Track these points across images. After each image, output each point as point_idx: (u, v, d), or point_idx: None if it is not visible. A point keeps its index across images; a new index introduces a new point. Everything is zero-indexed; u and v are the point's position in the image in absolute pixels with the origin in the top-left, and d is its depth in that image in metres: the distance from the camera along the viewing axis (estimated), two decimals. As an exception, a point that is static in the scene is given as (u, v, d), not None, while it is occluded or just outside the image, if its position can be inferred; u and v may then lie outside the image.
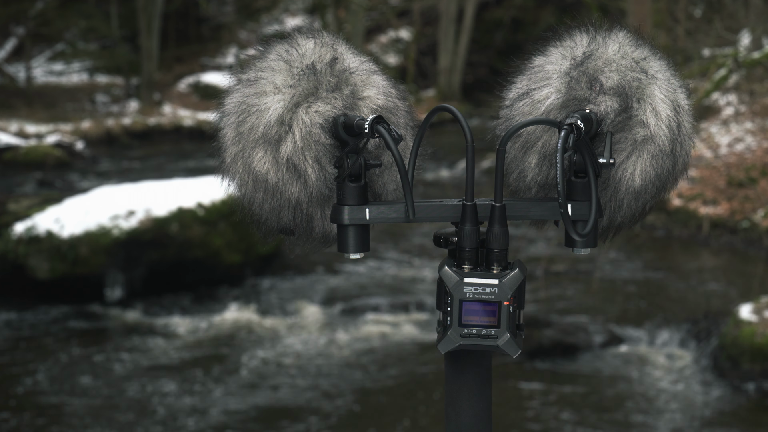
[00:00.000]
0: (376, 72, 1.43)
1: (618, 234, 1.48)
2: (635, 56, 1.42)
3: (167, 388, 6.95)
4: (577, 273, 9.62)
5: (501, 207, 1.33)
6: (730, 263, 10.56)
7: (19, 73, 23.80)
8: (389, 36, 26.95)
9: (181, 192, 9.46)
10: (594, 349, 7.58)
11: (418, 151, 1.39)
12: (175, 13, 25.68)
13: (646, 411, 6.53)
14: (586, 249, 1.38)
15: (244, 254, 9.42)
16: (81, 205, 9.18)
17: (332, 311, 8.60)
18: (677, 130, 1.41)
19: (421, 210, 1.36)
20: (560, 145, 1.29)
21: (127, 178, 13.26)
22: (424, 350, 7.66)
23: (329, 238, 1.43)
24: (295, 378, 7.12)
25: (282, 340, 7.93)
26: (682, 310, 8.39)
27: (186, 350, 7.77)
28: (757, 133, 13.47)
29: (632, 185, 1.40)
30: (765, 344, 6.86)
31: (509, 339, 1.33)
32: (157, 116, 21.29)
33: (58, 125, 19.34)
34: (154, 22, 22.47)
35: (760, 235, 10.86)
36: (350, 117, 1.35)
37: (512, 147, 1.45)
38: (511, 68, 1.49)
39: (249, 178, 1.39)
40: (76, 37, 25.23)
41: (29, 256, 8.73)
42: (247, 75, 1.40)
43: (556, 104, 1.41)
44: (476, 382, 1.41)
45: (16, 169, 15.92)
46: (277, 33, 1.50)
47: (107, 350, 7.80)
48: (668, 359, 7.41)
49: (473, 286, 1.33)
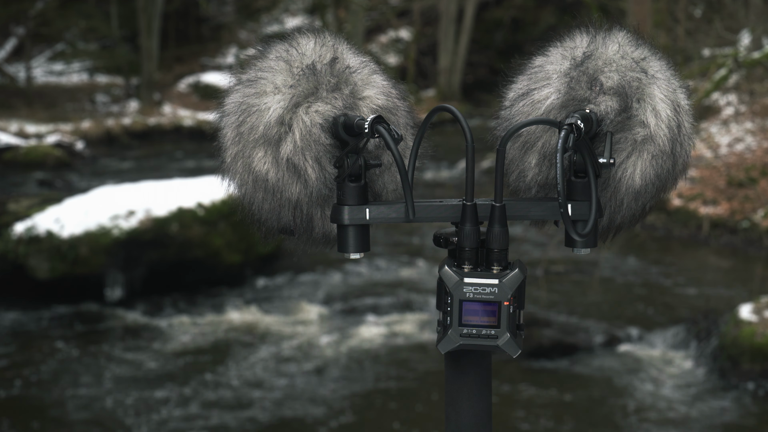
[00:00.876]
0: (377, 72, 1.43)
1: (618, 234, 1.48)
2: (635, 56, 1.42)
3: (167, 388, 6.95)
4: (577, 273, 9.62)
5: (501, 207, 1.33)
6: (730, 263, 10.56)
7: (19, 73, 23.80)
8: (389, 36, 26.95)
9: (181, 192, 9.46)
10: (594, 349, 7.58)
11: (418, 151, 1.39)
12: (175, 13, 25.68)
13: (646, 411, 6.53)
14: (586, 249, 1.39)
15: (244, 254, 9.42)
16: (81, 205, 9.18)
17: (332, 311, 8.60)
18: (677, 130, 1.41)
19: (421, 210, 1.36)
20: (560, 145, 1.29)
21: (127, 178, 13.25)
22: (424, 350, 7.66)
23: (329, 238, 1.43)
24: (295, 378, 7.12)
25: (282, 340, 7.93)
26: (682, 310, 8.38)
27: (186, 350, 7.77)
28: (757, 133, 13.47)
29: (632, 185, 1.40)
30: (765, 344, 6.86)
31: (509, 339, 1.33)
32: (157, 116, 21.29)
33: (58, 125, 19.34)
34: (154, 22, 22.47)
35: (760, 235, 10.85)
36: (350, 117, 1.35)
37: (512, 147, 1.45)
38: (511, 68, 1.49)
39: (249, 178, 1.39)
40: (76, 37, 25.23)
41: (29, 256, 8.73)
42: (247, 75, 1.40)
43: (556, 104, 1.41)
44: (476, 382, 1.41)
45: (16, 169, 15.91)
46: (277, 33, 1.50)
47: (107, 350, 7.80)
48: (668, 359, 7.41)
49: (473, 286, 1.33)
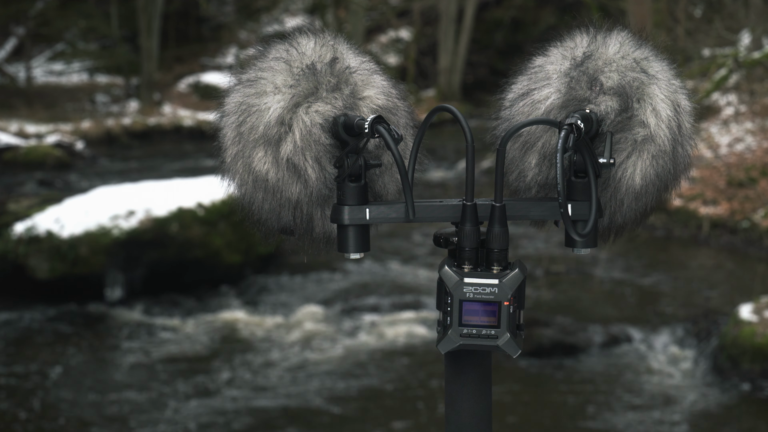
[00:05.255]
0: (377, 72, 1.42)
1: (620, 235, 1.48)
2: (636, 56, 1.42)
3: (167, 388, 6.95)
4: (577, 273, 9.62)
5: (501, 207, 1.33)
6: (730, 263, 10.56)
7: (19, 73, 23.80)
8: (389, 36, 26.94)
9: (181, 192, 9.45)
10: (594, 349, 7.58)
11: (418, 151, 1.39)
12: (175, 13, 25.68)
13: (646, 411, 6.53)
14: (586, 249, 1.38)
15: (244, 254, 9.41)
16: (81, 205, 9.17)
17: (332, 311, 8.60)
18: (677, 131, 1.41)
19: (421, 210, 1.36)
20: (560, 145, 1.29)
21: (127, 178, 13.24)
22: (424, 350, 7.66)
23: (329, 238, 1.43)
24: (295, 378, 7.12)
25: (282, 340, 7.93)
26: (682, 310, 8.38)
27: (186, 350, 7.76)
28: (757, 133, 13.47)
29: (632, 185, 1.40)
30: (765, 344, 6.86)
31: (509, 339, 1.33)
32: (157, 116, 21.28)
33: (58, 125, 19.33)
34: (154, 22, 22.47)
35: (760, 235, 10.85)
36: (350, 117, 1.35)
37: (512, 147, 1.45)
38: (511, 68, 1.49)
39: (249, 178, 1.39)
40: (76, 37, 25.22)
41: (29, 256, 8.73)
42: (247, 75, 1.40)
43: (557, 104, 1.41)
44: (476, 382, 1.41)
45: (16, 169, 15.91)
46: (277, 33, 1.50)
47: (107, 350, 7.80)
48: (668, 359, 7.40)
49: (473, 286, 1.32)
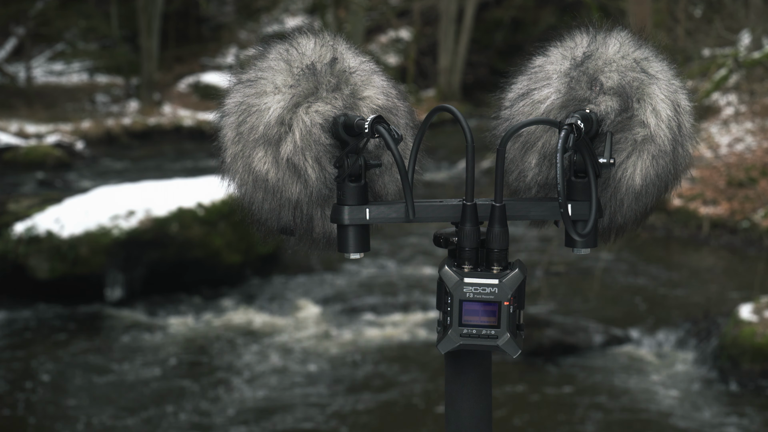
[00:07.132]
0: (377, 72, 1.42)
1: (621, 235, 1.48)
2: (636, 56, 1.42)
3: (167, 388, 6.95)
4: (577, 273, 9.62)
5: (501, 207, 1.33)
6: (730, 263, 10.56)
7: (19, 73, 23.80)
8: (389, 36, 26.94)
9: (181, 192, 9.45)
10: (594, 349, 7.58)
11: (418, 151, 1.39)
12: (175, 13, 25.67)
13: (646, 411, 6.53)
14: (586, 249, 1.38)
15: (244, 254, 9.42)
16: (81, 205, 9.17)
17: (332, 311, 8.60)
18: (678, 131, 1.41)
19: (421, 210, 1.36)
20: (560, 145, 1.29)
21: (127, 178, 13.25)
22: (423, 350, 7.66)
23: (329, 239, 1.43)
24: (295, 378, 7.12)
25: (282, 340, 7.93)
26: (682, 310, 8.38)
27: (186, 350, 7.77)
28: (757, 133, 13.47)
29: (632, 185, 1.40)
30: (765, 344, 6.86)
31: (509, 339, 1.33)
32: (157, 116, 21.28)
33: (58, 125, 19.33)
34: (154, 22, 22.46)
35: (760, 235, 10.85)
36: (350, 117, 1.35)
37: (512, 147, 1.45)
38: (511, 68, 1.49)
39: (249, 178, 1.39)
40: (76, 37, 25.21)
41: (29, 256, 8.73)
42: (247, 75, 1.40)
43: (557, 104, 1.41)
44: (476, 382, 1.41)
45: (16, 169, 15.91)
46: (277, 33, 1.50)
47: (107, 350, 7.80)
48: (668, 359, 7.41)
49: (473, 286, 1.32)
